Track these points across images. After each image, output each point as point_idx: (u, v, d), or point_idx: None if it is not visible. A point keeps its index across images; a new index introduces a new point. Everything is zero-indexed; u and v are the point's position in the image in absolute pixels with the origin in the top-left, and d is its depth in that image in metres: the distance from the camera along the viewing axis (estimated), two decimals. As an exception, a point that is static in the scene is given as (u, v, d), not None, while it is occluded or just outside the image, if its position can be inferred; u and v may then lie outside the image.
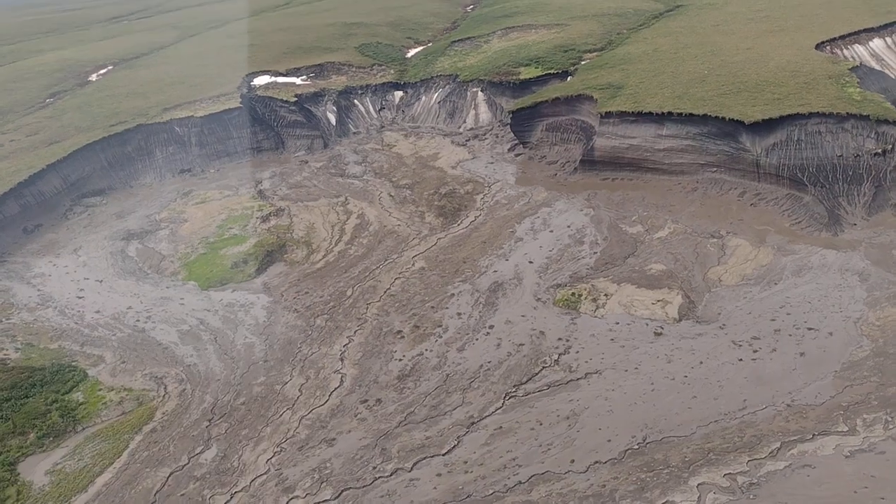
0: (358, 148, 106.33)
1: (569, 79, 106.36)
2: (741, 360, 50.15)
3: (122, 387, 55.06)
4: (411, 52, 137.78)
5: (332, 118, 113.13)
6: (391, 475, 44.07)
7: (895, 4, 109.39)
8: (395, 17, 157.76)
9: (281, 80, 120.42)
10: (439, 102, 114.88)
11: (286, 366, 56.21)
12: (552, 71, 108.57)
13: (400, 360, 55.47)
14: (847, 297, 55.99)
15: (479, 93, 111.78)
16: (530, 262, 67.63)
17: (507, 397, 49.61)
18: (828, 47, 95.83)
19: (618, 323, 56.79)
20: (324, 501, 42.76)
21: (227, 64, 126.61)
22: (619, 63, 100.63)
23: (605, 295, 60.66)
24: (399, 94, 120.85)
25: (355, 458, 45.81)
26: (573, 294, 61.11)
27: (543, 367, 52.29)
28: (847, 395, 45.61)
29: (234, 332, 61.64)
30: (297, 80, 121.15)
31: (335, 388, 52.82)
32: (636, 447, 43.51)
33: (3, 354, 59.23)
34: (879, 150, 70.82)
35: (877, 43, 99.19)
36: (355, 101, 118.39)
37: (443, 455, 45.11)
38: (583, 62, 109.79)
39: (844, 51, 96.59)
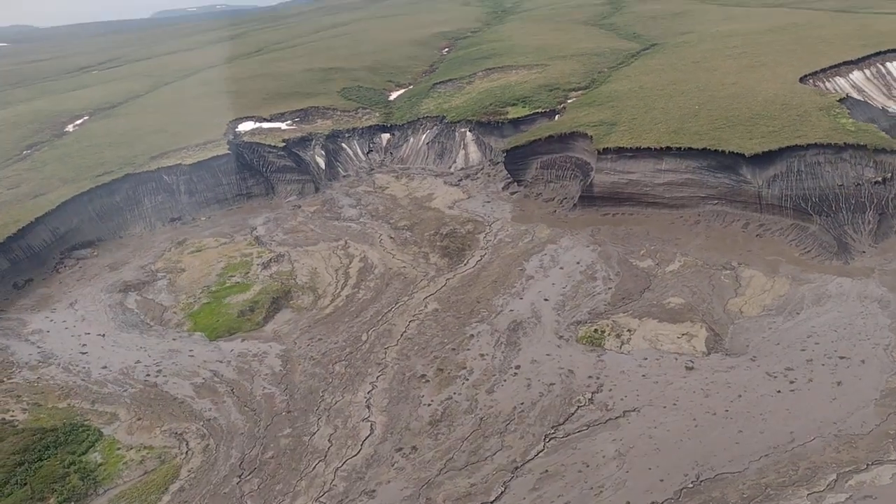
0: (350, 191, 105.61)
1: (556, 117, 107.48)
2: (779, 391, 49.86)
3: (141, 445, 52.79)
4: (394, 95, 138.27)
5: (322, 162, 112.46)
6: (441, 526, 42.60)
7: (868, 38, 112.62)
8: (373, 62, 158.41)
9: (266, 125, 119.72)
10: (428, 143, 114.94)
11: (311, 416, 54.52)
12: (540, 110, 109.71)
13: (429, 404, 54.16)
14: (871, 324, 56.32)
15: (468, 133, 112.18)
16: (546, 300, 67.09)
17: (548, 439, 48.57)
18: (811, 80, 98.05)
19: (646, 358, 56.30)
20: (374, 557, 41.12)
21: (207, 111, 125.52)
22: (606, 101, 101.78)
23: (629, 330, 60.25)
24: (386, 136, 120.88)
25: (400, 510, 44.27)
26: (596, 331, 60.62)
27: (579, 407, 51.42)
28: (892, 422, 45.46)
29: (250, 383, 59.80)
30: (283, 125, 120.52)
31: (367, 437, 51.25)
32: (691, 486, 42.67)
33: (10, 416, 56.55)
34: (879, 179, 72.14)
35: (857, 75, 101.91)
36: (343, 144, 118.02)
37: (492, 503, 43.78)
38: (569, 100, 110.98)
39: (827, 83, 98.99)
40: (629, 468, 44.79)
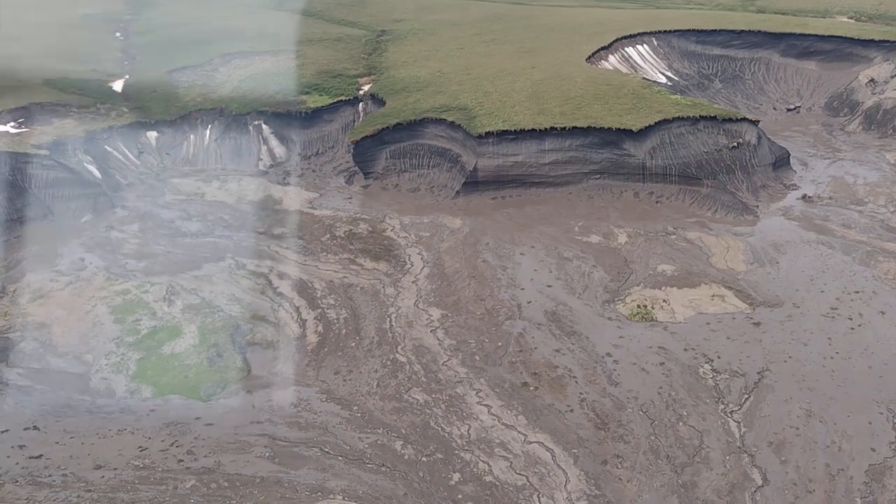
0: (159, 202, 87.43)
1: (361, 105, 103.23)
2: (852, 329, 56.53)
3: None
4: (117, 85, 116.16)
5: (94, 170, 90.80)
6: (750, 521, 40.45)
7: (602, 25, 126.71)
8: (45, 48, 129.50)
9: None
10: (216, 140, 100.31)
11: (463, 454, 46.17)
12: (342, 98, 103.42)
13: (571, 410, 49.77)
14: (838, 262, 66.40)
15: (264, 126, 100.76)
16: (549, 287, 65.26)
17: (730, 414, 48.57)
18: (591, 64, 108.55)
19: (708, 323, 58.78)
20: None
21: None
22: (424, 86, 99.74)
23: (663, 300, 62.10)
24: (153, 134, 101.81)
25: (688, 520, 40.74)
26: (638, 306, 61.24)
27: (713, 379, 52.07)
28: (957, 334, 55.26)
29: (334, 437, 47.94)
30: (9, 129, 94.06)
31: (551, 460, 45.37)
32: (898, 419, 46.92)
33: None
34: (734, 144, 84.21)
35: (612, 59, 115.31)
36: (106, 147, 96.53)
37: (762, 487, 42.74)
38: (365, 88, 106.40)
39: (599, 66, 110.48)
40: (833, 421, 47.12)
